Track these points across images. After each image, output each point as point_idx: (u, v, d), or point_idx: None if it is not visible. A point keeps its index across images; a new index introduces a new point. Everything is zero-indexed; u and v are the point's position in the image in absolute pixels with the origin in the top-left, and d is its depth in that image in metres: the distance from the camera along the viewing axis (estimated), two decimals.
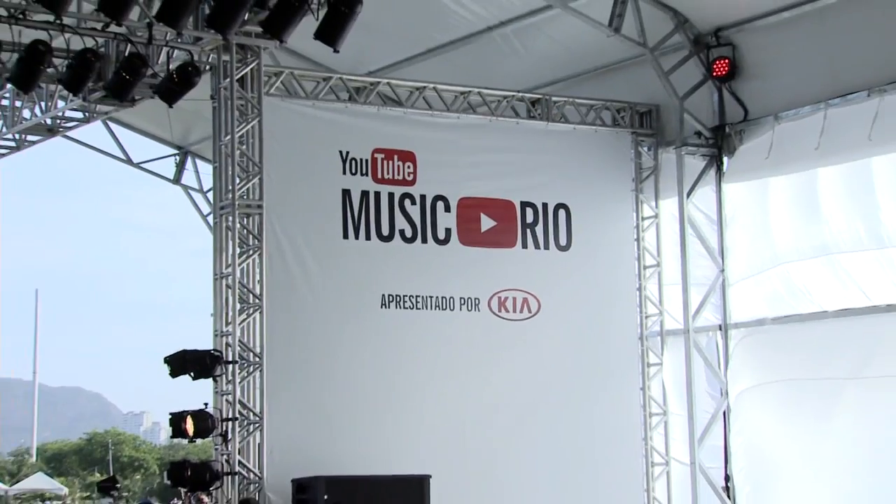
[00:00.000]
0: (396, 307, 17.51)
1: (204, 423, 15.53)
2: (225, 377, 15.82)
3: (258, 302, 16.25)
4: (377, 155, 17.60)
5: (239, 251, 16.21)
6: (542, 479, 17.95)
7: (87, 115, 19.48)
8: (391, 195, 17.61)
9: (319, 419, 16.78)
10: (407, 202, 17.72)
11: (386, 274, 17.51)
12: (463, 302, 17.94)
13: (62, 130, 20.23)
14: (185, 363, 15.63)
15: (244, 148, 16.39)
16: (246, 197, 16.34)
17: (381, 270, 17.48)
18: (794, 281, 17.70)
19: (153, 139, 24.99)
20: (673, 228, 19.07)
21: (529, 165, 18.69)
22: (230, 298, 16.06)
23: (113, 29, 15.18)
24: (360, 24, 15.14)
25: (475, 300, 18.02)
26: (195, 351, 15.70)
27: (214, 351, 15.84)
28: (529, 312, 18.36)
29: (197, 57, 16.30)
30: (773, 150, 17.76)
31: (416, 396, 17.44)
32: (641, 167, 19.41)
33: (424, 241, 17.79)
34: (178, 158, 25.36)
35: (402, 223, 17.65)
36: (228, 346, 15.94)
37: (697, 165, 18.77)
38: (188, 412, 15.57)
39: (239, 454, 15.82)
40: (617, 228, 19.26)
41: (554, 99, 18.93)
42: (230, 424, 15.69)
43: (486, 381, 17.91)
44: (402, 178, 17.72)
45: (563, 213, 18.73)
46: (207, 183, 24.28)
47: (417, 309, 17.63)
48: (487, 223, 18.27)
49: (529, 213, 18.55)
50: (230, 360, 15.82)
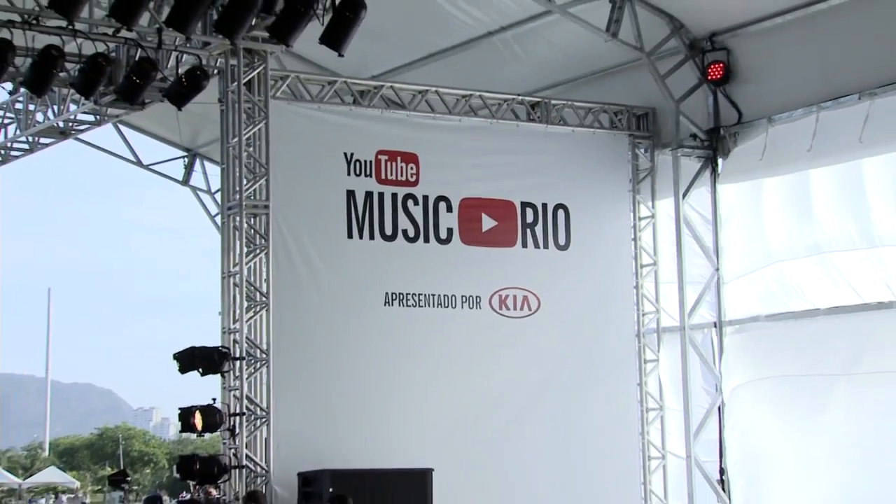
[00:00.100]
0: (399, 305, 17.58)
1: (212, 418, 15.55)
2: (232, 373, 15.87)
3: (265, 300, 16.31)
4: (381, 156, 17.66)
5: (246, 250, 16.26)
6: (541, 471, 18.03)
7: (98, 118, 19.49)
8: (394, 196, 17.67)
9: (325, 414, 16.80)
10: (410, 202, 17.79)
11: (389, 273, 17.56)
12: (464, 300, 18.01)
13: (74, 133, 20.31)
14: (193, 360, 15.71)
15: (251, 150, 16.43)
16: (253, 197, 16.40)
17: (384, 269, 17.53)
18: (787, 279, 17.75)
19: (162, 141, 25.07)
20: (669, 228, 19.10)
21: (529, 167, 18.74)
22: (238, 296, 16.12)
23: (124, 34, 15.29)
24: (364, 29, 15.15)
25: (476, 298, 18.08)
26: (203, 348, 15.78)
27: (222, 348, 15.92)
28: (529, 310, 18.45)
29: (205, 61, 16.33)
30: (766, 151, 17.79)
31: (418, 392, 17.47)
32: (638, 168, 19.47)
33: (427, 240, 17.85)
34: (186, 160, 25.43)
35: (405, 223, 17.71)
36: (236, 342, 16.00)
37: (693, 167, 18.81)
38: (197, 407, 15.62)
39: (246, 448, 15.85)
40: (614, 228, 19.32)
41: (553, 102, 18.98)
42: (238, 419, 15.71)
43: (486, 376, 17.96)
44: (405, 179, 17.78)
45: (562, 213, 18.80)
46: (215, 184, 24.46)
47: (420, 307, 17.70)
48: (488, 223, 18.34)
49: (529, 213, 18.61)
50: (238, 356, 15.86)
